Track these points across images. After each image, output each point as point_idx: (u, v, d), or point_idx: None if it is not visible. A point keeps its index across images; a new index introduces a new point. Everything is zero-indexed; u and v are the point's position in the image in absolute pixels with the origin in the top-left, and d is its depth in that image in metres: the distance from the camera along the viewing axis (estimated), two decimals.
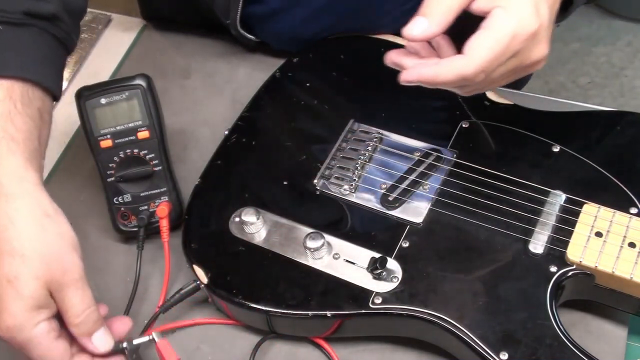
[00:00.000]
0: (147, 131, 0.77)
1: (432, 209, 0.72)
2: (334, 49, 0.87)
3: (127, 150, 0.77)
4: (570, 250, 0.67)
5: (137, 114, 0.77)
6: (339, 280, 0.69)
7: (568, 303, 0.70)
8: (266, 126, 0.82)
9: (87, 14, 1.00)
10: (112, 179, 0.77)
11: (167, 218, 0.77)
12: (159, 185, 0.78)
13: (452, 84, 0.64)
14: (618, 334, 0.70)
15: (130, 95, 0.77)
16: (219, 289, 0.71)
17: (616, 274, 0.65)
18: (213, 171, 0.78)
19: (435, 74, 0.63)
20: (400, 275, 0.69)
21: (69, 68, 0.96)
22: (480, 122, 0.78)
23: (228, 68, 0.93)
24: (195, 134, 0.88)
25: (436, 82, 0.64)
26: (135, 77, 0.77)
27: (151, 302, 0.75)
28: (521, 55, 0.64)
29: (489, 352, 0.64)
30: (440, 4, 0.62)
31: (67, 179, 0.86)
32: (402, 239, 0.71)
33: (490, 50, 0.61)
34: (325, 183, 0.76)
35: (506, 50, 0.62)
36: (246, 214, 0.73)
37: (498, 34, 0.62)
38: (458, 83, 0.63)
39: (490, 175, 0.73)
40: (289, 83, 0.85)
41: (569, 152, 0.74)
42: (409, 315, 0.67)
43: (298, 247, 0.72)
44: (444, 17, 0.62)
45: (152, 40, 0.97)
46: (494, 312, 0.66)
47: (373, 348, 0.71)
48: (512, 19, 0.62)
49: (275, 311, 0.69)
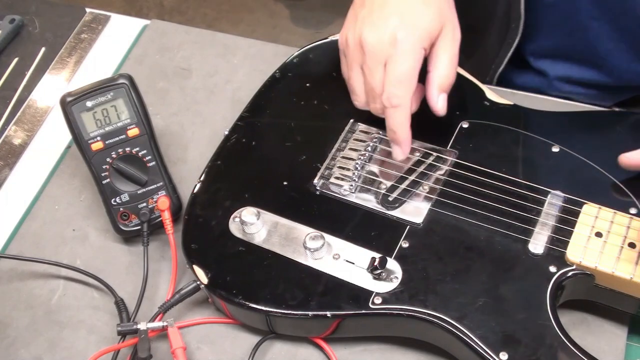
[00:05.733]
0: (136, 128, 0.77)
1: (432, 209, 0.72)
2: (334, 49, 0.87)
3: (119, 149, 0.77)
4: (570, 251, 0.67)
5: (124, 112, 0.77)
6: (339, 280, 0.69)
7: (568, 303, 0.70)
8: (266, 126, 0.82)
9: (87, 14, 1.01)
10: (108, 181, 0.77)
11: (169, 210, 0.77)
12: (155, 181, 0.78)
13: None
14: (618, 334, 0.70)
15: (116, 94, 0.77)
16: (219, 289, 0.71)
17: (616, 274, 0.65)
18: (213, 171, 0.78)
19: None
20: (400, 275, 0.69)
21: (68, 68, 0.96)
22: (480, 122, 0.78)
23: (228, 68, 0.93)
24: (195, 134, 0.88)
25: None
26: (118, 77, 0.78)
27: (160, 299, 0.75)
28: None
29: (489, 352, 0.64)
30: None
31: (67, 180, 0.86)
32: (402, 239, 0.71)
33: None
34: (325, 183, 0.76)
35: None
36: (246, 214, 0.73)
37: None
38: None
39: (490, 175, 0.73)
40: (289, 83, 0.85)
41: (569, 152, 0.74)
42: (409, 316, 0.67)
43: (298, 247, 0.72)
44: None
45: (152, 40, 0.97)
46: (493, 312, 0.66)
47: (373, 348, 0.71)
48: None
49: (275, 311, 0.69)
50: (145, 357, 0.68)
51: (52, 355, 0.74)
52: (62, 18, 1.01)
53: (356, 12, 0.75)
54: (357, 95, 0.76)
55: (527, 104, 0.80)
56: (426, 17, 0.72)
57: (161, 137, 0.82)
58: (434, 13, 0.72)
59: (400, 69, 0.70)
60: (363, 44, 0.72)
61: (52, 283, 0.78)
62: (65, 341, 0.74)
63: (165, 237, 0.78)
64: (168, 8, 2.32)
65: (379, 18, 0.72)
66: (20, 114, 0.92)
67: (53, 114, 0.92)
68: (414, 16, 0.71)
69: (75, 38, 0.99)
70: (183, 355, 0.69)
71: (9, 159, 0.89)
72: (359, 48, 0.73)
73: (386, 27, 0.71)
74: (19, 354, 0.74)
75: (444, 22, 0.73)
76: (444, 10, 0.73)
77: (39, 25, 1.01)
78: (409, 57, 0.71)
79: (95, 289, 0.77)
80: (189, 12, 2.31)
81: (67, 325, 0.75)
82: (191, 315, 0.75)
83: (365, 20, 0.73)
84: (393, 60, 0.71)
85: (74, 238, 0.81)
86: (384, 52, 0.71)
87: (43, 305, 0.77)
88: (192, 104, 0.91)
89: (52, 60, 0.97)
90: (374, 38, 0.71)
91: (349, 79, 0.77)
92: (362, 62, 0.73)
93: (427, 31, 0.71)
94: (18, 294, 0.78)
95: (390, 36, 0.71)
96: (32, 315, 0.76)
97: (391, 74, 0.71)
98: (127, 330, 0.70)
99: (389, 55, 0.71)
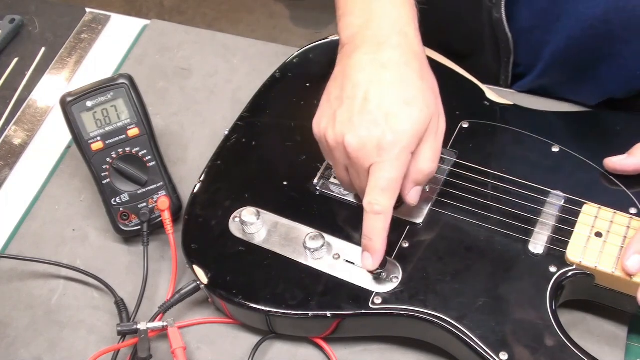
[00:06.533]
0: (136, 128, 0.77)
1: (432, 209, 0.72)
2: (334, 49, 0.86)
3: (119, 149, 0.77)
4: (570, 251, 0.67)
5: (124, 112, 0.77)
6: (339, 280, 0.69)
7: (568, 303, 0.70)
8: (266, 126, 0.82)
9: (87, 14, 1.01)
10: (108, 181, 0.77)
11: (169, 210, 0.77)
12: (155, 181, 0.78)
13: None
14: (618, 334, 0.70)
15: (116, 94, 0.77)
16: (218, 289, 0.71)
17: (616, 274, 0.65)
18: (213, 171, 0.78)
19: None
20: (400, 275, 0.69)
21: (68, 68, 0.96)
22: (480, 122, 0.78)
23: (228, 68, 0.93)
24: (195, 134, 0.88)
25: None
26: (118, 77, 0.78)
27: (160, 299, 0.75)
28: None
29: (489, 352, 0.64)
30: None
31: (67, 180, 0.86)
32: (402, 239, 0.71)
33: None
34: (325, 183, 0.76)
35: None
36: (246, 214, 0.73)
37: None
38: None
39: (490, 175, 0.73)
40: (289, 83, 0.85)
41: (568, 152, 0.74)
42: (409, 316, 0.67)
43: (298, 247, 0.72)
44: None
45: (152, 40, 0.97)
46: (493, 312, 0.66)
47: (373, 348, 0.71)
48: None
49: (275, 311, 0.69)
50: (145, 357, 0.68)
51: (52, 355, 0.74)
52: (62, 18, 1.01)
53: (333, 107, 0.68)
54: (345, 185, 0.72)
55: (527, 104, 0.80)
56: (412, 118, 0.65)
57: (161, 137, 0.82)
58: (419, 111, 0.65)
59: (385, 177, 0.65)
60: (346, 147, 0.66)
61: (52, 283, 0.78)
62: (65, 341, 0.74)
63: (165, 237, 0.78)
64: (168, 8, 2.32)
65: (362, 121, 0.65)
66: (20, 114, 0.92)
67: (53, 114, 0.92)
68: (399, 120, 0.65)
69: (75, 38, 0.99)
70: (183, 355, 0.69)
71: (9, 159, 0.89)
72: (341, 150, 0.67)
73: (369, 133, 0.65)
74: (19, 354, 0.74)
75: (430, 117, 0.66)
76: (429, 101, 0.66)
77: (39, 25, 1.01)
78: (395, 166, 0.65)
79: (95, 289, 0.77)
80: (189, 12, 2.31)
81: (67, 325, 0.75)
82: (191, 315, 0.75)
83: (346, 122, 0.66)
84: (378, 168, 0.65)
85: (74, 238, 0.81)
86: (368, 158, 0.65)
87: (43, 305, 0.77)
88: (192, 104, 0.91)
89: (52, 60, 0.97)
90: (358, 144, 0.65)
91: (335, 172, 0.72)
92: (346, 163, 0.68)
93: (413, 136, 0.65)
94: (18, 294, 0.78)
95: (375, 143, 0.65)
96: (32, 315, 0.76)
97: (375, 182, 0.65)
98: (127, 330, 0.70)
99: (373, 162, 0.65)
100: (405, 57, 0.67)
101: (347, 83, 0.67)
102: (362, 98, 0.66)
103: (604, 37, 0.78)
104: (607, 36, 0.77)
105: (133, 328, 0.70)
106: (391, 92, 0.66)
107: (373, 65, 0.67)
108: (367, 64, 0.67)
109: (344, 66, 0.69)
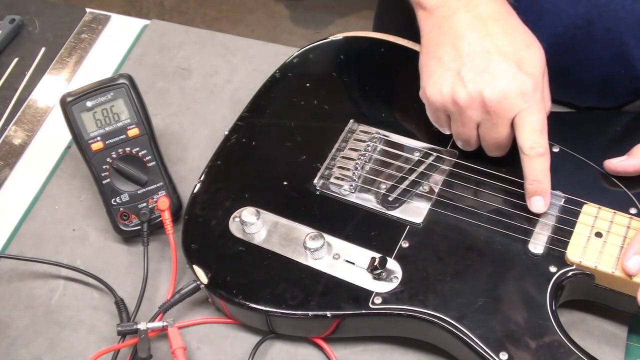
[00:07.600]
0: (136, 128, 0.77)
1: (432, 209, 0.72)
2: (333, 49, 0.87)
3: (119, 149, 0.77)
4: (570, 251, 0.67)
5: (124, 112, 0.77)
6: (339, 280, 0.69)
7: (568, 303, 0.70)
8: (266, 126, 0.82)
9: (87, 14, 1.01)
10: (108, 181, 0.77)
11: (169, 210, 0.77)
12: (155, 181, 0.78)
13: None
14: (618, 334, 0.70)
15: (116, 94, 0.77)
16: (218, 289, 0.71)
17: (616, 275, 0.65)
18: (213, 171, 0.78)
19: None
20: (400, 275, 0.69)
21: (68, 68, 0.96)
22: None
23: (228, 68, 0.93)
24: (195, 134, 0.88)
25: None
26: (118, 77, 0.78)
27: (160, 299, 0.75)
28: None
29: (489, 352, 0.64)
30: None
31: (67, 180, 0.86)
32: (402, 239, 0.71)
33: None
34: (325, 183, 0.76)
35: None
36: (246, 214, 0.73)
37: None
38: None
39: (490, 175, 0.73)
40: (289, 83, 0.85)
41: (569, 152, 0.74)
42: (409, 316, 0.67)
43: (298, 247, 0.72)
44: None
45: (152, 40, 0.97)
46: (493, 312, 0.66)
47: (372, 348, 0.71)
48: None
49: (275, 311, 0.69)
50: (145, 357, 0.68)
51: (52, 355, 0.74)
52: (62, 18, 1.01)
53: (453, 68, 0.69)
54: (470, 145, 0.73)
55: None
56: (538, 58, 0.69)
57: (161, 137, 0.82)
58: (539, 49, 0.69)
59: (538, 119, 0.67)
60: (486, 102, 0.67)
61: (52, 283, 0.78)
62: (65, 341, 0.74)
63: (165, 237, 0.78)
64: (168, 8, 2.32)
65: (495, 73, 0.67)
66: (20, 114, 0.92)
67: (53, 114, 0.92)
68: (529, 63, 0.68)
69: (75, 38, 0.99)
70: (183, 355, 0.69)
71: (9, 159, 0.89)
72: (477, 106, 0.68)
73: (508, 82, 0.67)
74: (19, 354, 0.74)
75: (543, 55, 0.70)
76: (537, 41, 0.70)
77: (39, 25, 1.01)
78: (541, 106, 0.68)
79: (95, 289, 0.77)
80: (189, 12, 2.31)
81: (67, 325, 0.75)
82: (191, 315, 0.75)
83: (477, 77, 0.67)
84: (528, 112, 0.67)
85: (74, 238, 0.81)
86: (513, 107, 0.67)
87: (43, 305, 0.77)
88: (192, 104, 0.91)
89: (52, 60, 0.97)
90: (499, 95, 0.67)
91: (460, 134, 0.72)
92: (483, 119, 0.69)
93: (543, 74, 0.69)
94: (18, 294, 0.78)
95: (518, 91, 0.67)
96: (32, 315, 0.76)
97: (530, 126, 0.67)
98: (127, 330, 0.70)
99: (519, 109, 0.67)
100: (502, 7, 0.70)
101: (460, 42, 0.69)
102: (484, 52, 0.68)
103: (586, 40, 0.78)
104: (588, 38, 0.78)
105: (133, 328, 0.70)
106: (509, 40, 0.68)
107: (479, 21, 0.69)
108: (472, 20, 0.69)
109: (448, 28, 0.70)
